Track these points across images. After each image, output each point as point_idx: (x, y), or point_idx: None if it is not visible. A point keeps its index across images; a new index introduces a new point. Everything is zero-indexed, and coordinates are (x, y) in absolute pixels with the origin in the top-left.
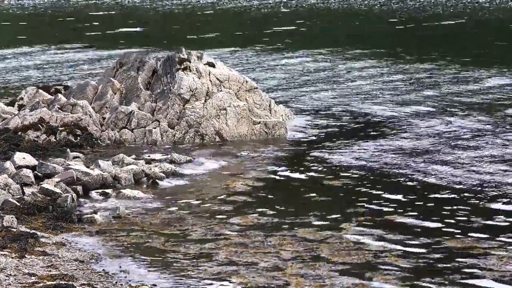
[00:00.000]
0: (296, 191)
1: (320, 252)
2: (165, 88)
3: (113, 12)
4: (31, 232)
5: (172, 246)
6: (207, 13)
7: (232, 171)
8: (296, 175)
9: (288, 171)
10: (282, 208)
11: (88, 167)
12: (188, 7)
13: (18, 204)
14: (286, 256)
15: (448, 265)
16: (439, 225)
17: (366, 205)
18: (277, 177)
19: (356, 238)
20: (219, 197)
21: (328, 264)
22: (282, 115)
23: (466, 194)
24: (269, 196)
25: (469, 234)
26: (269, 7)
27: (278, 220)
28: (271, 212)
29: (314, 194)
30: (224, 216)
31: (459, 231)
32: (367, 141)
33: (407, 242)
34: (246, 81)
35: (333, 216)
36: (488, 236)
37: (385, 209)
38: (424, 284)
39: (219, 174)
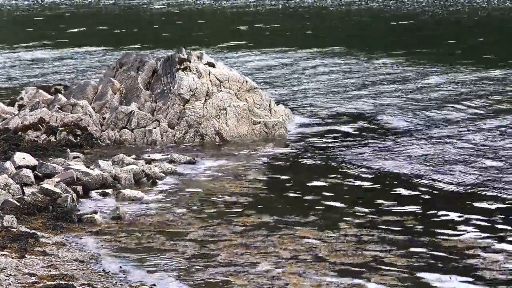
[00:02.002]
0: (296, 191)
1: (319, 252)
2: (165, 88)
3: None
4: (31, 232)
5: (172, 246)
6: (206, 12)
7: (232, 171)
8: (296, 175)
9: (288, 171)
10: (281, 208)
11: (88, 167)
12: (185, 7)
13: (18, 204)
14: (286, 256)
15: (447, 265)
16: (438, 225)
17: (365, 205)
18: (277, 177)
19: (355, 238)
20: (219, 197)
21: (327, 264)
22: (282, 115)
23: (465, 194)
24: (269, 196)
25: (468, 234)
26: (267, 7)
27: (278, 220)
28: (271, 212)
29: (313, 194)
30: (224, 216)
31: (458, 230)
32: (368, 141)
33: (406, 242)
34: (246, 81)
35: (333, 216)
36: (487, 235)
37: (385, 209)
38: (423, 284)
39: (219, 174)
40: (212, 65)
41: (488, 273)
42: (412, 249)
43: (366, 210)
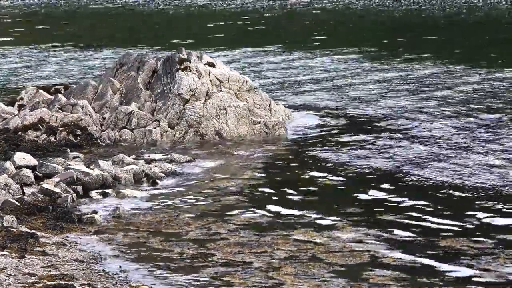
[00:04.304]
0: (295, 191)
1: (316, 252)
2: (165, 88)
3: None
4: (31, 232)
5: (171, 246)
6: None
7: (231, 171)
8: (295, 175)
9: (288, 171)
10: (280, 208)
11: (88, 167)
12: (182, 7)
13: (18, 204)
14: (282, 256)
15: (445, 266)
16: (436, 225)
17: (363, 205)
18: (276, 177)
19: (352, 238)
20: (218, 197)
21: (323, 264)
22: (282, 115)
23: (463, 194)
24: (267, 196)
25: (466, 234)
26: (265, 7)
27: (275, 220)
28: (269, 212)
29: (312, 194)
30: (223, 216)
31: (456, 231)
32: (367, 141)
33: (404, 242)
34: (246, 81)
35: (330, 216)
36: (485, 236)
37: (383, 209)
38: (420, 285)
39: (219, 174)
40: (212, 65)
41: (486, 274)
42: (409, 249)
43: (363, 210)
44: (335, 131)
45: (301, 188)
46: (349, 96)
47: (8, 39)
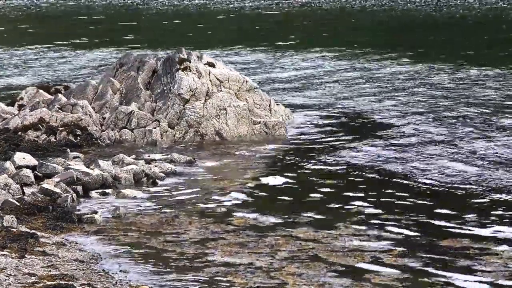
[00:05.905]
0: (295, 191)
1: (317, 252)
2: (165, 88)
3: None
4: (31, 232)
5: (171, 246)
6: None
7: (231, 171)
8: (295, 175)
9: (288, 171)
10: (280, 208)
11: (88, 167)
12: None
13: (18, 204)
14: (283, 256)
15: (445, 266)
16: (436, 225)
17: (364, 205)
18: (276, 177)
19: (353, 238)
20: (218, 197)
21: (325, 264)
22: (282, 115)
23: (464, 194)
24: (268, 196)
25: (467, 234)
26: (262, 7)
27: (276, 220)
28: (269, 212)
29: (312, 194)
30: (223, 216)
31: (457, 231)
32: (367, 141)
33: (404, 242)
34: (246, 81)
35: (331, 216)
36: (485, 236)
37: (383, 209)
38: (421, 285)
39: (219, 174)
40: (212, 65)
41: (486, 274)
42: (409, 249)
43: (364, 210)
44: (335, 131)
45: (301, 188)
46: (349, 96)
47: (7, 38)
